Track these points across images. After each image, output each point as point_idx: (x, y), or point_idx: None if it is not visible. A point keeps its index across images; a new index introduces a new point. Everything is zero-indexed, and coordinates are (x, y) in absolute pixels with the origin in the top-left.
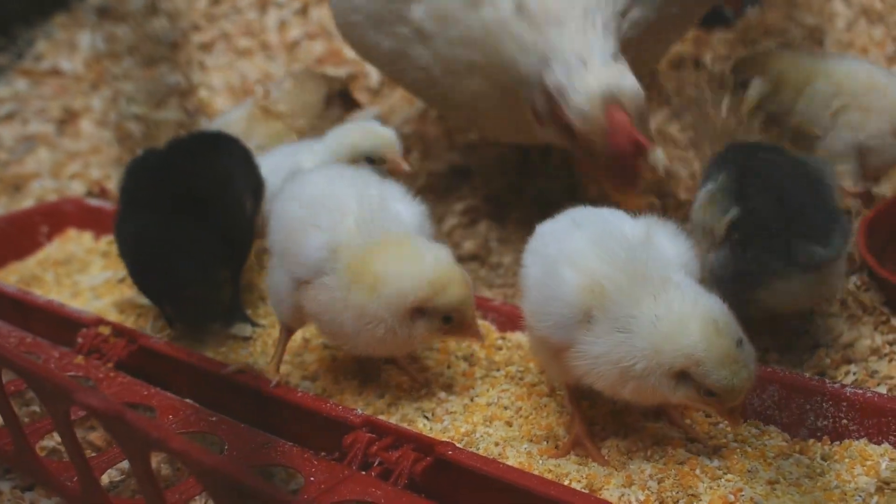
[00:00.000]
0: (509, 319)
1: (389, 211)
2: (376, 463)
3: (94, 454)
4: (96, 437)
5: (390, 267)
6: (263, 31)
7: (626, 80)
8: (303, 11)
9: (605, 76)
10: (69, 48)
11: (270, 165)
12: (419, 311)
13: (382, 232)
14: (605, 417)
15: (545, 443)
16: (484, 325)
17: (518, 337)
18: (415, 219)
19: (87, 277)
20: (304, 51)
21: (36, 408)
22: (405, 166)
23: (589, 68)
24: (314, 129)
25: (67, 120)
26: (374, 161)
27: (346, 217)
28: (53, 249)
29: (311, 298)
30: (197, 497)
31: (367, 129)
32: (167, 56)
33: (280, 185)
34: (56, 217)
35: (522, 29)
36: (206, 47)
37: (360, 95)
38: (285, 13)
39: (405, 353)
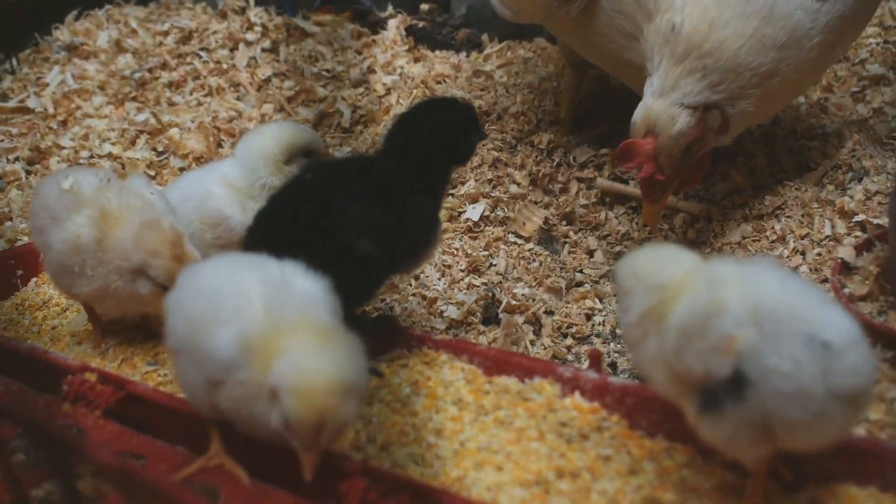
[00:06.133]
0: (495, 364)
1: (294, 288)
2: None
3: None
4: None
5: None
6: (233, 70)
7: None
8: (273, 49)
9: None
10: (37, 85)
11: (179, 195)
12: None
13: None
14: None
15: (535, 488)
16: (470, 369)
17: (504, 381)
18: (319, 293)
19: (65, 322)
20: (275, 89)
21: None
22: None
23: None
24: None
25: (36, 159)
26: (308, 154)
27: (251, 304)
28: (29, 293)
29: (226, 398)
30: None
31: (293, 127)
32: (135, 94)
33: (191, 214)
34: (30, 259)
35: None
36: (176, 86)
37: (331, 134)
38: (255, 51)
39: None
